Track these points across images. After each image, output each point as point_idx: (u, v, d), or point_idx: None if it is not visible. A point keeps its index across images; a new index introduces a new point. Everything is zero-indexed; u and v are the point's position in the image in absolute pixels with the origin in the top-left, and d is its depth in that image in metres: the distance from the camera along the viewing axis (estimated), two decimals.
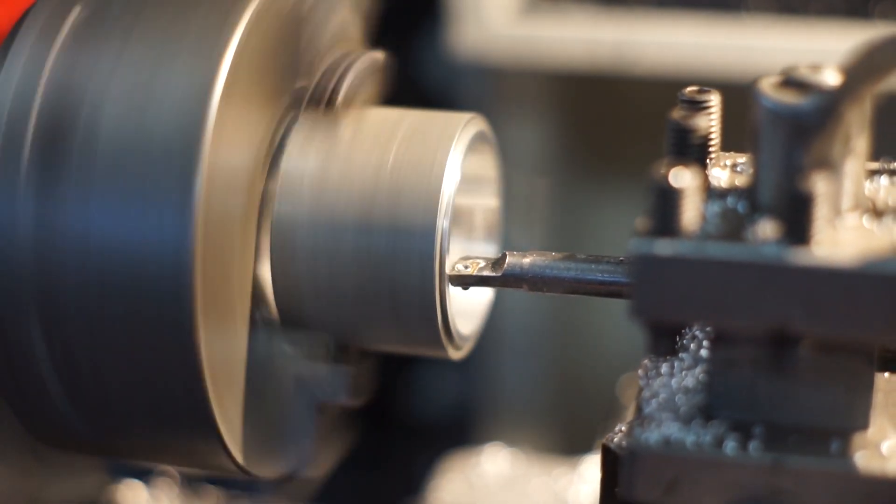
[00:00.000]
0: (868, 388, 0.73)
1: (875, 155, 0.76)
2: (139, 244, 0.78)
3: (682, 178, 0.70)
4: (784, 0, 1.80)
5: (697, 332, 0.81)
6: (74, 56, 0.82)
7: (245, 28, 0.81)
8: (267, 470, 0.90)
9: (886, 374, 0.78)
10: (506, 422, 2.10)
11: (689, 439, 0.73)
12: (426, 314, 0.86)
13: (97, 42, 0.82)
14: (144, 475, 1.35)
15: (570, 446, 1.55)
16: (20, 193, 0.80)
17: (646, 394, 0.76)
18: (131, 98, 0.80)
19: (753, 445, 0.72)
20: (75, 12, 0.84)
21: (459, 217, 0.93)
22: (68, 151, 0.80)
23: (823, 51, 1.64)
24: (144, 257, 0.78)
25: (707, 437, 0.73)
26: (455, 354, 0.90)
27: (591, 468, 1.40)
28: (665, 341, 0.72)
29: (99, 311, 0.80)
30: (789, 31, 1.78)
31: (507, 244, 0.95)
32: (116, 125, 0.79)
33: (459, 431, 2.00)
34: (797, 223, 0.69)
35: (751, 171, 0.74)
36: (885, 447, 0.72)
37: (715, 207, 0.73)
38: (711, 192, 0.75)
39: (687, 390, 0.76)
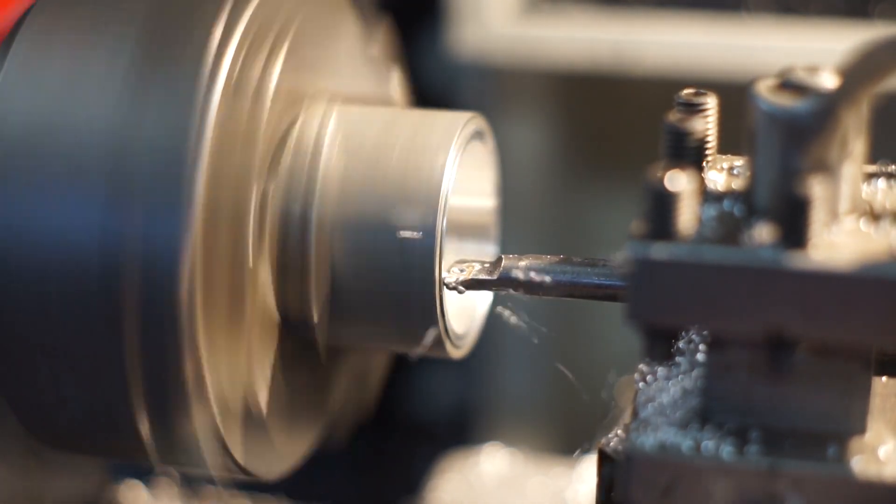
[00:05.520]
0: (865, 392, 0.73)
1: (872, 158, 0.76)
2: (141, 245, 0.78)
3: (679, 181, 0.70)
4: (784, 0, 1.79)
5: (694, 336, 0.80)
6: (74, 54, 0.82)
7: (245, 26, 0.81)
8: (267, 470, 0.90)
9: (883, 378, 0.77)
10: (505, 422, 2.10)
11: (686, 444, 0.72)
12: (426, 313, 0.86)
13: (98, 40, 0.82)
14: (144, 475, 1.34)
15: (569, 446, 1.55)
16: (20, 192, 0.80)
17: (642, 398, 0.76)
18: (134, 95, 0.80)
19: (750, 450, 0.72)
20: (75, 11, 0.84)
21: (458, 217, 0.93)
22: (66, 151, 0.80)
23: (823, 51, 1.64)
24: (146, 259, 0.78)
25: (703, 442, 0.72)
26: (455, 354, 0.90)
27: (589, 468, 1.39)
28: (661, 345, 0.72)
29: (99, 311, 0.80)
30: (789, 31, 1.77)
31: (506, 244, 0.95)
32: (118, 123, 0.79)
33: (459, 431, 2.00)
34: (794, 227, 0.68)
35: (747, 174, 0.74)
36: (882, 452, 0.72)
37: (711, 211, 0.73)
38: (708, 196, 0.74)
39: (683, 394, 0.76)
